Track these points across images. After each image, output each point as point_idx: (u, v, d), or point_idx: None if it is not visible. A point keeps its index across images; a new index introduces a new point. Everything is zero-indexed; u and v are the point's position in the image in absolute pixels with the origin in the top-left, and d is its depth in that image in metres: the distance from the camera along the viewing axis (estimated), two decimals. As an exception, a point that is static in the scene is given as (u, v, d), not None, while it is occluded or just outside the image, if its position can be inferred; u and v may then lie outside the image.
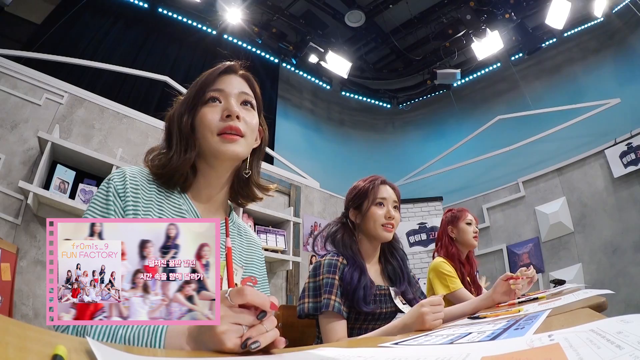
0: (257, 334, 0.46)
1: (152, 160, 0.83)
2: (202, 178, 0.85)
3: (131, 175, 0.78)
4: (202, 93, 0.83)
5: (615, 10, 4.98)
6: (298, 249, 3.76)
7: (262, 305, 0.47)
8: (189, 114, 0.83)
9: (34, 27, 4.19)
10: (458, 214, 2.11)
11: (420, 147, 6.30)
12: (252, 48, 5.61)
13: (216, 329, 0.44)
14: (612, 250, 3.69)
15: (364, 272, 1.29)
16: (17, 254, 2.08)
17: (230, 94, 0.83)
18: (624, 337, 0.36)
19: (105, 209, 0.73)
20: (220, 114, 0.81)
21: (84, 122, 2.86)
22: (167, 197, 0.81)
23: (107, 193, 0.74)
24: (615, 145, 3.86)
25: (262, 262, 0.98)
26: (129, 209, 0.74)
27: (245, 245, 0.94)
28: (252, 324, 0.46)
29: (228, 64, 0.87)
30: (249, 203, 0.95)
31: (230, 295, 0.46)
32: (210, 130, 0.80)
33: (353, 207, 1.43)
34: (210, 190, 0.86)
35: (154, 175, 0.82)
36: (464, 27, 5.41)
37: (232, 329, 0.45)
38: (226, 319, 0.45)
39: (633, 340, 0.34)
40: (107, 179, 0.76)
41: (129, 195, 0.75)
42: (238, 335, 0.45)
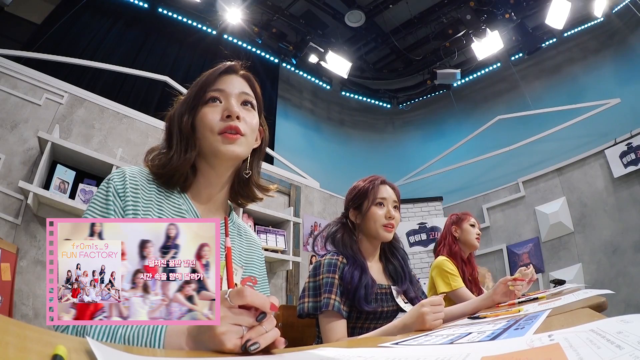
0: (256, 335, 0.46)
1: (152, 160, 0.83)
2: (202, 178, 0.85)
3: (131, 175, 0.78)
4: (203, 93, 0.83)
5: (615, 11, 4.98)
6: (298, 249, 3.76)
7: (261, 306, 0.47)
8: (189, 114, 0.83)
9: (34, 27, 4.19)
10: (462, 216, 2.16)
11: (420, 147, 6.30)
12: (252, 48, 5.61)
13: (216, 330, 0.44)
14: (612, 250, 3.69)
15: (365, 271, 1.29)
16: (17, 254, 2.08)
17: (230, 94, 0.83)
18: (624, 337, 0.36)
19: (105, 209, 0.73)
20: (220, 113, 0.81)
21: (84, 122, 2.87)
22: (167, 197, 0.81)
23: (107, 193, 0.74)
24: (615, 145, 3.86)
25: (262, 262, 0.98)
26: (128, 209, 0.74)
27: (245, 245, 0.94)
28: (251, 325, 0.46)
29: (229, 64, 0.87)
30: (249, 203, 0.95)
31: (230, 296, 0.46)
32: (211, 130, 0.80)
33: (353, 207, 1.43)
34: (210, 190, 0.86)
35: (154, 175, 0.82)
36: (464, 27, 5.42)
37: (231, 330, 0.45)
38: (226, 319, 0.44)
39: (633, 340, 0.34)
40: (107, 179, 0.77)
41: (129, 195, 0.75)
42: (238, 337, 0.45)
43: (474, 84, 6.18)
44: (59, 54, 3.49)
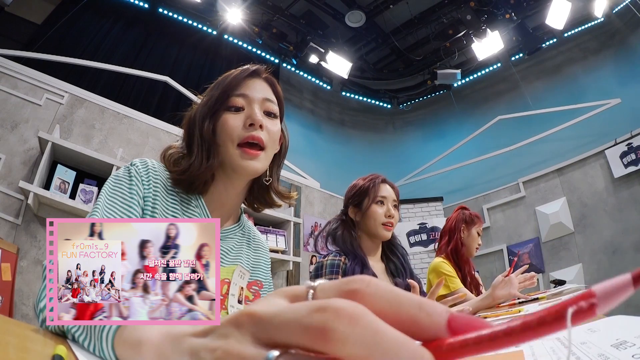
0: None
1: (170, 161, 0.80)
2: (221, 184, 0.82)
3: (153, 168, 0.76)
4: (226, 97, 0.79)
5: (615, 11, 4.98)
6: (298, 249, 3.76)
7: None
8: (210, 119, 0.79)
9: (34, 27, 4.20)
10: (475, 219, 2.08)
11: (420, 147, 6.30)
12: (253, 48, 5.62)
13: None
14: (612, 251, 3.69)
15: (366, 267, 1.29)
16: (17, 254, 2.08)
17: (254, 99, 0.80)
18: (586, 349, 0.35)
19: (128, 194, 0.70)
20: (242, 121, 0.78)
21: (84, 122, 2.87)
22: (185, 201, 0.79)
23: (130, 178, 0.72)
24: (616, 145, 3.85)
25: (268, 266, 0.96)
26: (147, 201, 0.72)
27: (254, 248, 0.92)
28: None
29: (253, 68, 0.84)
30: (265, 209, 0.92)
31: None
32: (231, 139, 0.77)
33: (353, 205, 1.44)
34: (226, 197, 0.84)
35: (173, 180, 0.79)
36: (465, 28, 5.42)
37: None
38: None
39: (594, 352, 0.34)
40: (130, 164, 0.75)
41: (151, 186, 0.74)
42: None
43: (475, 84, 6.18)
44: (60, 54, 3.50)
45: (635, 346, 0.33)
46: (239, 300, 0.80)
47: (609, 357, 0.32)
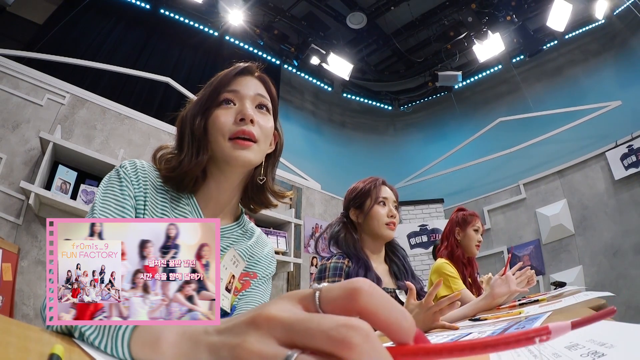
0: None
1: (161, 161, 0.80)
2: (212, 182, 0.82)
3: (141, 168, 0.77)
4: (217, 94, 0.80)
5: (616, 13, 4.98)
6: (299, 251, 3.76)
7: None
8: (202, 116, 0.79)
9: (35, 27, 4.20)
10: (469, 218, 2.09)
11: (421, 149, 6.30)
12: (254, 50, 5.62)
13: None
14: (612, 253, 3.68)
15: (370, 269, 1.29)
16: (18, 254, 2.08)
17: (245, 95, 0.80)
18: (543, 349, 0.41)
19: (120, 195, 0.71)
20: (233, 116, 0.78)
21: (85, 122, 2.87)
22: (175, 200, 0.79)
23: (120, 179, 0.73)
24: (616, 147, 3.85)
25: (269, 263, 0.93)
26: (139, 199, 0.73)
27: (255, 246, 0.90)
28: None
29: (244, 65, 0.84)
30: (262, 209, 0.92)
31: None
32: (222, 134, 0.77)
33: (354, 207, 1.44)
34: (220, 195, 0.83)
35: (163, 178, 0.79)
36: (466, 29, 5.42)
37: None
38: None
39: (549, 352, 0.39)
40: (118, 167, 0.75)
41: (140, 185, 0.74)
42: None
43: (475, 86, 6.18)
44: (61, 54, 3.50)
45: (584, 348, 0.39)
46: (228, 288, 0.78)
47: (561, 355, 0.38)
